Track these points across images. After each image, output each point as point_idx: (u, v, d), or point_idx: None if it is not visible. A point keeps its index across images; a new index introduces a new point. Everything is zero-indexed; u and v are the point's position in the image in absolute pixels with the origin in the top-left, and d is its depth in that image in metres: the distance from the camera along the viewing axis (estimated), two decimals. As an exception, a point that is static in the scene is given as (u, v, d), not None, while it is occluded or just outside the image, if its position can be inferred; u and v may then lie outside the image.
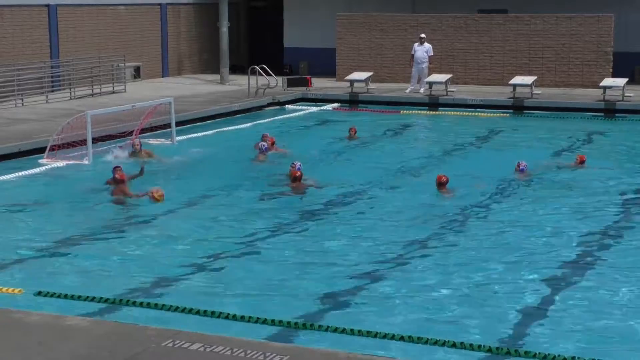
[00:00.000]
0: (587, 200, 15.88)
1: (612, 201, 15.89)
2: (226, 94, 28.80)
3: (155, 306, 10.28)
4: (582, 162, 18.34)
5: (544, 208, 15.36)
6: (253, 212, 15.15)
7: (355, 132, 22.05)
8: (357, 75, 29.78)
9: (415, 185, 17.35)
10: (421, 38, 29.21)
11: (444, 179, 16.18)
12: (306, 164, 17.50)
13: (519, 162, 17.59)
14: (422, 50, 29.02)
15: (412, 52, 29.23)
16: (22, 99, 25.78)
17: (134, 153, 19.19)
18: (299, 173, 16.31)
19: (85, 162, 18.85)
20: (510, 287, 11.27)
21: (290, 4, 35.31)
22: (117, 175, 15.72)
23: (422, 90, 28.86)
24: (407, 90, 28.94)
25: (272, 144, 19.84)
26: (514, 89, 27.63)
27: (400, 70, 31.24)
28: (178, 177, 17.90)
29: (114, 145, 20.42)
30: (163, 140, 21.48)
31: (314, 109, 27.65)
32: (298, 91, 29.10)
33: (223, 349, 7.96)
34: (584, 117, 25.58)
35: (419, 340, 9.25)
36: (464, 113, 26.71)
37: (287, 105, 27.96)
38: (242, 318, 9.90)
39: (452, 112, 26.99)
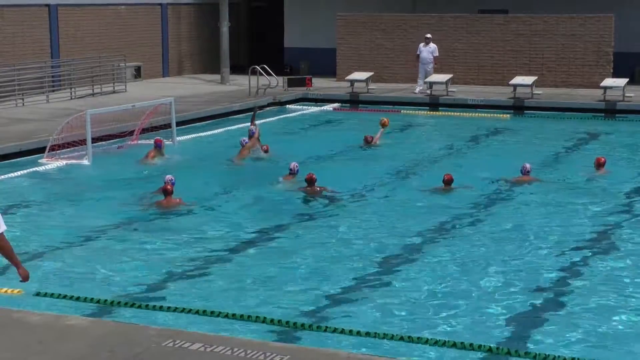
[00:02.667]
0: (588, 201, 15.88)
1: (612, 202, 15.86)
2: (226, 94, 28.78)
3: (154, 308, 10.27)
4: (601, 164, 17.64)
5: (545, 209, 15.36)
6: (253, 213, 15.15)
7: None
8: (357, 75, 29.75)
9: (415, 185, 17.34)
10: (427, 38, 29.15)
11: (447, 177, 16.27)
12: (305, 165, 17.49)
13: (524, 165, 17.22)
14: (428, 51, 28.95)
15: (418, 52, 29.17)
16: (22, 99, 25.77)
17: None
18: (314, 176, 16.20)
19: (85, 161, 18.84)
20: (510, 287, 11.27)
21: (291, 4, 35.29)
22: (169, 187, 15.43)
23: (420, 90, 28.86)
24: (417, 90, 28.84)
25: (266, 150, 19.79)
26: (515, 89, 27.61)
27: (400, 70, 31.21)
28: (178, 177, 17.86)
29: (114, 145, 20.42)
30: (163, 140, 21.41)
31: (314, 109, 27.65)
32: (298, 91, 29.09)
33: (223, 349, 7.95)
34: (585, 118, 25.56)
35: (419, 340, 9.25)
36: (464, 113, 26.69)
37: (287, 105, 27.96)
38: (242, 318, 9.90)
39: (453, 113, 26.98)
